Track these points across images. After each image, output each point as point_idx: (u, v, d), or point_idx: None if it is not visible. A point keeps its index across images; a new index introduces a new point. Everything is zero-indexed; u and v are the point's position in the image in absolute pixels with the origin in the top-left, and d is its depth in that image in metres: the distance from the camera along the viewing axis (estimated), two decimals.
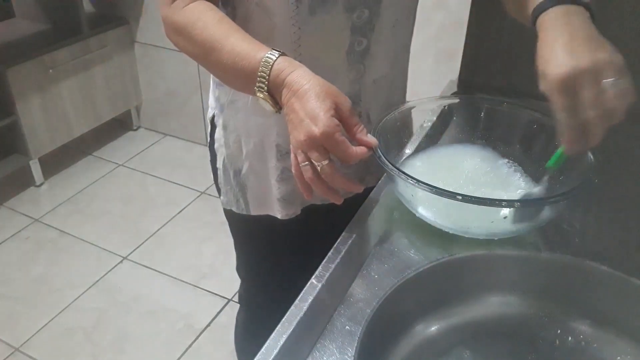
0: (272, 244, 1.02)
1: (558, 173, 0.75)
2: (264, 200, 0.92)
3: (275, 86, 0.66)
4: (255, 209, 0.94)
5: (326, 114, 0.61)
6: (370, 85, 0.84)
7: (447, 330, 0.59)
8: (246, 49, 0.68)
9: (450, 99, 0.88)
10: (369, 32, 0.78)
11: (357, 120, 0.65)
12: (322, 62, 0.77)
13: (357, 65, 0.80)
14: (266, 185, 0.90)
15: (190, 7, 0.73)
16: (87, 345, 1.74)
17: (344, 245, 0.68)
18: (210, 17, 0.72)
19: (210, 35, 0.70)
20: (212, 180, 1.00)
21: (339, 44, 0.77)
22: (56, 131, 2.40)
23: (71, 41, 2.34)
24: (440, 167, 0.80)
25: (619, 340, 0.57)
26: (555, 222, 0.70)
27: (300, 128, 0.63)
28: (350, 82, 0.81)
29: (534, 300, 0.60)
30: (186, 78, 2.59)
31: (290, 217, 0.92)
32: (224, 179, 0.94)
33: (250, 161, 0.89)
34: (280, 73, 0.65)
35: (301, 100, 0.63)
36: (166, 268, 2.02)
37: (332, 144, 0.62)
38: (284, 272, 1.05)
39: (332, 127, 0.61)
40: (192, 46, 0.73)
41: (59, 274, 1.99)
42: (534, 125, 0.79)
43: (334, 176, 0.63)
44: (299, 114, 0.63)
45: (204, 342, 1.75)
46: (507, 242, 0.69)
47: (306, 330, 0.58)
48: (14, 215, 2.28)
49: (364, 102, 0.85)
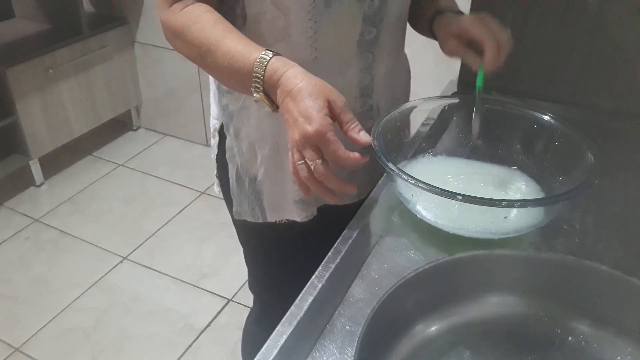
0: (287, 250, 1.01)
1: (558, 173, 0.75)
2: (280, 205, 0.91)
3: (270, 86, 0.67)
4: (271, 215, 0.93)
5: (319, 112, 0.62)
6: (382, 78, 0.85)
7: (447, 330, 0.58)
8: (241, 51, 0.68)
9: (450, 99, 0.88)
10: (378, 21, 0.79)
11: (349, 118, 0.65)
12: (335, 54, 0.78)
13: (366, 54, 0.81)
14: (282, 190, 0.89)
15: (187, 10, 0.74)
16: (87, 345, 1.74)
17: (344, 245, 0.68)
18: (206, 19, 0.72)
19: (206, 37, 0.71)
20: (212, 180, 0.99)
21: (351, 34, 0.78)
22: (56, 131, 2.40)
23: (71, 41, 2.34)
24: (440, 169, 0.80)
25: (619, 340, 0.56)
26: (555, 222, 0.70)
27: (294, 127, 0.63)
28: (360, 71, 0.82)
29: (534, 300, 0.60)
30: (186, 78, 2.59)
31: (309, 219, 0.91)
32: (238, 189, 0.93)
33: (266, 166, 0.88)
34: (274, 73, 0.66)
35: (295, 100, 0.64)
36: (166, 268, 2.02)
37: (324, 143, 0.62)
38: (299, 281, 1.04)
39: (324, 125, 0.61)
40: (189, 49, 0.74)
41: (59, 274, 1.99)
42: (534, 125, 0.79)
43: (327, 175, 0.64)
44: (293, 114, 0.63)
45: (204, 342, 1.75)
46: (507, 242, 0.69)
47: (306, 330, 0.58)
48: (14, 215, 2.28)
49: (375, 95, 0.85)
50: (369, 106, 0.86)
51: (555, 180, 0.75)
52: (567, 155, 0.74)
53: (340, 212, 0.85)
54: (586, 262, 0.58)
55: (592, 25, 0.96)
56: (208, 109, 2.83)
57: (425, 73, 0.99)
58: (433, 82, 1.10)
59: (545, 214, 0.67)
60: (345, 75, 0.80)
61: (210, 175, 0.99)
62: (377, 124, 0.74)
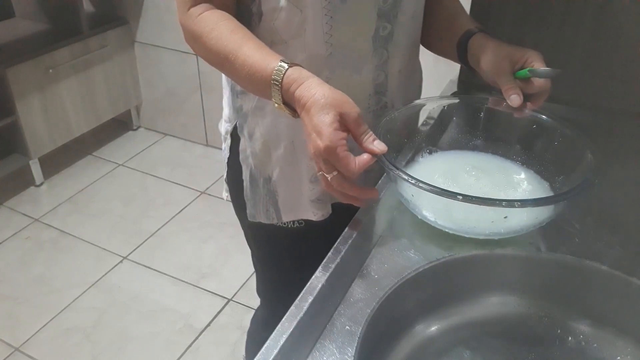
0: (299, 253, 1.00)
1: (558, 173, 0.75)
2: (296, 205, 0.91)
3: (289, 99, 0.68)
4: (287, 215, 0.93)
5: (329, 127, 0.62)
6: (396, 75, 0.85)
7: (447, 330, 0.59)
8: (258, 60, 0.69)
9: (450, 99, 0.88)
10: (392, 17, 0.79)
11: (364, 129, 0.65)
12: (350, 50, 0.79)
13: (380, 50, 0.81)
14: (298, 189, 0.89)
15: (205, 15, 0.75)
16: (87, 345, 1.74)
17: (344, 245, 0.68)
18: (223, 27, 0.73)
19: (224, 46, 0.72)
20: (212, 180, 0.99)
21: (366, 29, 0.78)
22: (56, 131, 2.40)
23: (71, 41, 2.34)
24: (440, 168, 0.80)
25: (619, 340, 0.57)
26: (555, 222, 0.70)
27: (309, 141, 0.65)
28: (374, 68, 0.82)
29: (534, 300, 0.60)
30: (186, 78, 2.59)
31: (325, 217, 0.91)
32: (252, 190, 0.93)
33: (281, 166, 0.88)
34: (290, 87, 0.67)
35: (308, 114, 0.65)
36: (166, 268, 2.02)
37: (335, 159, 0.62)
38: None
39: (334, 141, 0.62)
40: (207, 55, 0.76)
41: (58, 274, 1.99)
42: (534, 125, 0.79)
43: (344, 186, 0.64)
44: (308, 128, 0.65)
45: (204, 342, 1.75)
46: (507, 242, 0.69)
47: (306, 330, 0.58)
48: (14, 215, 2.28)
49: (389, 93, 0.86)
50: (384, 104, 0.86)
51: (555, 180, 0.75)
52: (567, 155, 0.74)
53: (354, 212, 0.85)
54: (586, 262, 0.58)
55: (592, 25, 0.96)
56: (208, 109, 2.85)
57: (425, 73, 0.99)
58: (433, 82, 1.10)
59: (545, 214, 0.67)
60: (360, 72, 0.81)
61: (211, 175, 0.99)
62: (377, 125, 0.74)
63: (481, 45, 0.81)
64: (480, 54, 0.80)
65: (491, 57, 0.79)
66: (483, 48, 0.81)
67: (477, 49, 0.82)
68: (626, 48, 0.95)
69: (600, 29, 0.96)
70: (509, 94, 0.76)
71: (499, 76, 0.78)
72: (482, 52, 0.80)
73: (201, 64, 2.50)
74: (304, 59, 0.77)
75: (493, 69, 0.78)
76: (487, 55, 0.79)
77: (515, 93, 0.76)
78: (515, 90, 0.76)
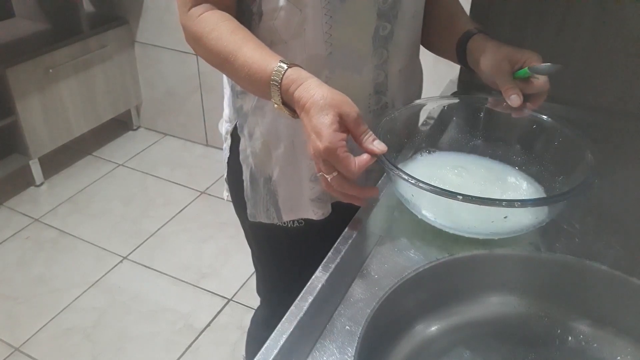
0: (299, 253, 1.00)
1: (558, 173, 0.75)
2: (296, 204, 0.91)
3: (288, 99, 0.68)
4: (287, 214, 0.93)
5: (329, 128, 0.62)
6: (396, 75, 0.85)
7: (447, 330, 0.59)
8: (258, 61, 0.69)
9: (450, 99, 0.88)
10: (392, 17, 0.79)
11: (363, 129, 0.65)
12: (350, 49, 0.79)
13: (380, 49, 0.81)
14: (298, 188, 0.89)
15: (205, 16, 0.75)
16: (87, 345, 1.74)
17: (344, 245, 0.68)
18: (224, 27, 0.73)
19: (224, 46, 0.72)
20: (212, 180, 0.99)
21: (366, 29, 0.79)
22: (56, 131, 2.40)
23: (71, 41, 2.34)
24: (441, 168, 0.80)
25: (619, 340, 0.57)
26: (555, 222, 0.70)
27: (309, 142, 0.65)
28: (374, 67, 0.82)
29: (534, 300, 0.60)
30: (186, 78, 2.59)
31: (325, 217, 0.91)
32: (252, 190, 0.93)
33: (281, 165, 0.88)
34: (289, 88, 0.67)
35: (308, 115, 0.65)
36: (166, 268, 2.02)
37: (335, 160, 0.62)
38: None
39: (334, 142, 0.61)
40: (208, 55, 0.76)
41: (58, 274, 1.99)
42: (534, 125, 0.79)
43: (344, 187, 0.64)
44: (307, 129, 0.65)
45: (204, 342, 1.75)
46: (507, 242, 0.69)
47: (306, 330, 0.58)
48: (13, 215, 2.28)
49: (389, 92, 0.86)
50: (384, 104, 0.86)
51: (555, 180, 0.75)
52: (567, 155, 0.74)
53: (354, 210, 0.85)
54: (586, 262, 0.58)
55: (592, 25, 0.96)
56: (208, 109, 2.85)
57: (425, 73, 0.99)
58: (433, 82, 1.10)
59: (545, 213, 0.67)
60: (360, 71, 0.81)
61: (211, 175, 0.99)
62: (377, 125, 0.74)
63: (480, 46, 0.81)
64: (480, 55, 0.80)
65: (490, 58, 0.79)
66: (482, 49, 0.81)
67: (476, 50, 0.82)
68: (626, 48, 0.95)
69: (600, 29, 0.96)
70: (509, 94, 0.76)
71: (498, 77, 0.78)
72: (481, 53, 0.80)
73: (201, 64, 2.50)
74: (304, 59, 0.77)
75: (492, 70, 0.78)
76: (486, 56, 0.80)
77: (515, 93, 0.76)
78: (514, 91, 0.76)
